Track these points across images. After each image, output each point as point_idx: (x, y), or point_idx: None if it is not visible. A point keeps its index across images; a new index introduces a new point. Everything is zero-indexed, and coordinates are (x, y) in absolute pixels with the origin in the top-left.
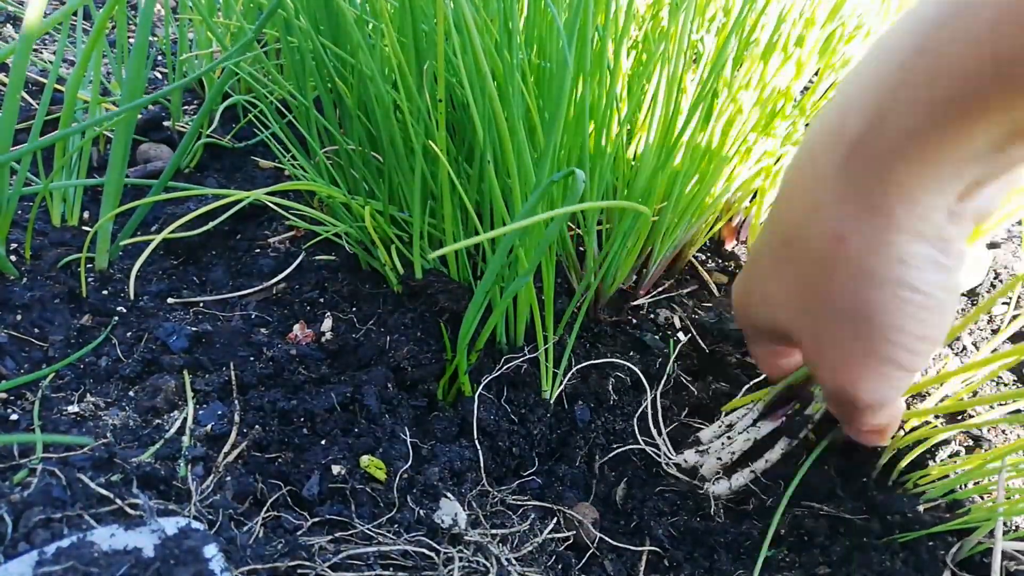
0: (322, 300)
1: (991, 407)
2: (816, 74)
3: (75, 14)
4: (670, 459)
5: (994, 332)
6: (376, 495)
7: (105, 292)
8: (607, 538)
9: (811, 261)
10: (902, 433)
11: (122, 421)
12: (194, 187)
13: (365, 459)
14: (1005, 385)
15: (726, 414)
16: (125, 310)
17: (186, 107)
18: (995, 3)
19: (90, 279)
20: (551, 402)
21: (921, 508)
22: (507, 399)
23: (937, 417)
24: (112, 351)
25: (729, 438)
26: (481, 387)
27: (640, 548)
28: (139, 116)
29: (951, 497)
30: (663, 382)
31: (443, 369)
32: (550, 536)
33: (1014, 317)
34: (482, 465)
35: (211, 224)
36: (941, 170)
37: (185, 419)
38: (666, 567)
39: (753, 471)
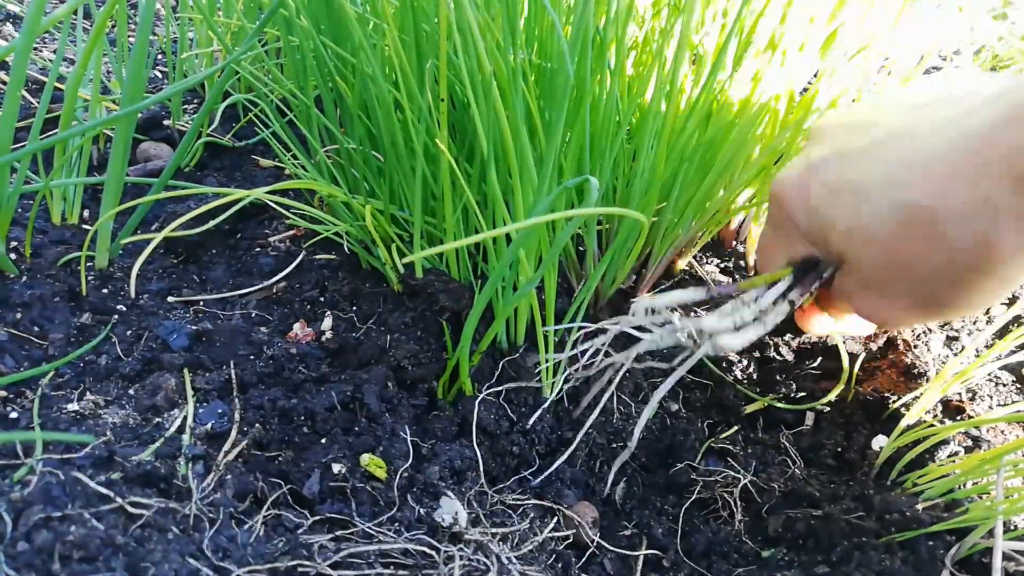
0: (322, 299)
1: (990, 407)
2: (815, 75)
3: (75, 13)
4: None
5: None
6: (376, 494)
7: (105, 290)
8: (607, 537)
9: (942, 242)
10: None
11: (122, 419)
12: (194, 186)
13: (365, 458)
14: (1004, 385)
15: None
16: (125, 308)
17: (186, 106)
18: None
19: (90, 277)
20: (551, 401)
21: (920, 507)
22: (507, 398)
23: (935, 416)
24: (112, 349)
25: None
26: (484, 390)
27: (640, 548)
28: (139, 115)
29: (950, 497)
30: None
31: (443, 368)
32: (550, 535)
33: (1015, 318)
34: (482, 464)
35: (211, 223)
36: None
37: (185, 417)
38: (666, 567)
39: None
